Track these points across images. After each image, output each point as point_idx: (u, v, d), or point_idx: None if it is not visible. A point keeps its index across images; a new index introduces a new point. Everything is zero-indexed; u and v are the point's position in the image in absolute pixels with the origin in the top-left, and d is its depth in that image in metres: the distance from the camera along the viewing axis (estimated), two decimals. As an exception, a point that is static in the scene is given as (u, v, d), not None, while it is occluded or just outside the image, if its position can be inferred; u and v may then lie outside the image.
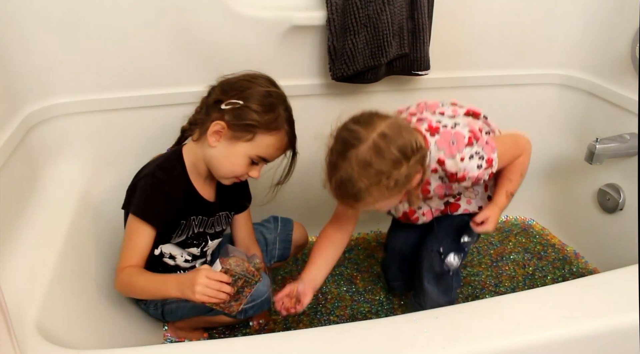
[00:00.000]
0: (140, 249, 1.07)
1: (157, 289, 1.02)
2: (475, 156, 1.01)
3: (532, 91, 1.61)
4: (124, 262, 1.06)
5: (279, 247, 1.36)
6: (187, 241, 1.18)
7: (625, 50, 1.42)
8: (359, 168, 0.91)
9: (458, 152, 1.00)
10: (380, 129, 0.93)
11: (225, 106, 1.05)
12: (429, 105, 1.13)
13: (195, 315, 1.22)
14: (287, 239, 1.37)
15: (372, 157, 0.91)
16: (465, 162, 1.00)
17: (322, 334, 0.89)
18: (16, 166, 1.13)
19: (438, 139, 1.02)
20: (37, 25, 1.17)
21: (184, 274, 1.03)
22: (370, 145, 0.92)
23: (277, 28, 1.32)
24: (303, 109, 1.44)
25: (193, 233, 1.18)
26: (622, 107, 1.44)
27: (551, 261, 1.62)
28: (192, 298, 0.96)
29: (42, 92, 1.24)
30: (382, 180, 0.92)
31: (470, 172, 1.01)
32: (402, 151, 0.92)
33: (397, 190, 0.95)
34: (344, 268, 1.59)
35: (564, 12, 1.51)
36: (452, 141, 1.01)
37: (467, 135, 1.01)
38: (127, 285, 1.06)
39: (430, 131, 1.03)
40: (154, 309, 1.23)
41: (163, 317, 1.25)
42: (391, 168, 0.92)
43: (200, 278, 0.94)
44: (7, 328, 0.71)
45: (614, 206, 1.48)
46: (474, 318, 0.90)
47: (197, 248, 1.21)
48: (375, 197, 0.94)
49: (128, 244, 1.07)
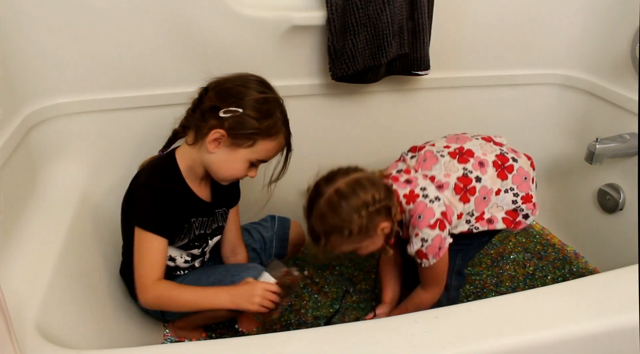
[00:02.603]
0: (160, 261, 1.08)
1: (208, 302, 1.07)
2: (422, 241, 1.10)
3: (532, 90, 1.61)
4: (147, 277, 1.06)
5: (276, 245, 1.37)
6: (189, 243, 1.18)
7: (625, 50, 1.42)
8: (317, 219, 1.07)
9: (417, 228, 1.10)
10: (337, 186, 1.06)
11: (223, 114, 1.05)
12: (426, 160, 1.17)
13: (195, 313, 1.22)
14: (284, 237, 1.38)
15: (327, 211, 1.05)
16: (416, 238, 1.11)
17: (322, 334, 0.89)
18: (16, 166, 1.13)
19: (411, 208, 1.11)
20: (37, 26, 1.17)
21: (236, 287, 1.08)
22: (325, 199, 1.05)
23: (277, 28, 1.32)
24: (303, 109, 1.45)
25: (194, 235, 1.18)
26: (622, 107, 1.44)
27: (551, 261, 1.62)
28: (248, 309, 1.05)
29: (42, 92, 1.24)
30: (336, 230, 1.06)
31: (412, 246, 1.12)
32: (354, 206, 1.04)
33: (357, 238, 1.07)
34: (344, 268, 1.59)
35: (564, 12, 1.51)
36: (420, 215, 1.10)
37: (436, 218, 1.09)
38: (166, 299, 1.07)
39: (407, 199, 1.12)
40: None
41: (163, 316, 1.25)
42: (344, 221, 1.04)
43: (259, 290, 1.05)
44: (7, 327, 0.71)
45: (614, 206, 1.48)
46: (474, 317, 0.90)
47: (199, 249, 1.22)
48: (336, 243, 1.08)
49: (145, 259, 1.07)
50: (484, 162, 1.16)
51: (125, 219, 1.17)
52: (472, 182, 1.14)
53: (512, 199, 1.16)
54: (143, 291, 1.06)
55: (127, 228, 1.16)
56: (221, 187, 1.20)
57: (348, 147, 1.58)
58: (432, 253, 1.10)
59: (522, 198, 1.16)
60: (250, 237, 1.37)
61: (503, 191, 1.16)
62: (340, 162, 1.61)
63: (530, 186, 1.18)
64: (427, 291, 1.21)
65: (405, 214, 1.13)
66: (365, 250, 1.13)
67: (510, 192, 1.16)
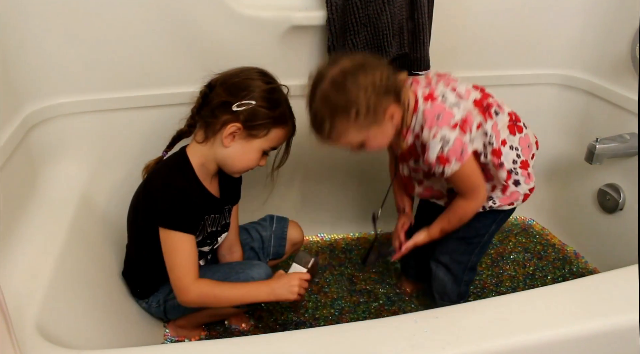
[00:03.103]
0: (194, 258, 1.09)
1: (250, 296, 1.12)
2: (442, 141, 1.01)
3: (532, 90, 1.61)
4: (186, 278, 1.08)
5: (274, 244, 1.38)
6: (202, 241, 1.20)
7: (625, 50, 1.42)
8: (320, 102, 0.99)
9: (436, 127, 1.01)
10: (342, 66, 0.98)
11: (237, 108, 1.07)
12: (449, 79, 1.12)
13: (197, 310, 1.23)
14: (282, 236, 1.39)
15: (331, 91, 0.97)
16: (434, 140, 1.01)
17: (322, 334, 0.89)
18: (16, 166, 1.13)
19: (427, 108, 1.03)
20: (37, 26, 1.17)
21: (274, 281, 1.14)
22: (329, 80, 0.98)
23: (277, 28, 1.32)
24: (303, 109, 1.44)
25: (207, 233, 1.20)
26: (622, 107, 1.44)
27: (551, 261, 1.62)
28: (288, 298, 1.12)
29: (42, 92, 1.24)
30: (342, 111, 0.97)
31: (430, 152, 1.03)
32: (361, 84, 0.96)
33: (364, 122, 0.99)
34: (344, 268, 1.59)
35: (564, 12, 1.51)
36: (439, 115, 1.02)
37: (456, 119, 1.02)
38: (210, 297, 1.10)
39: (426, 98, 1.05)
40: (157, 306, 1.24)
41: (165, 314, 1.25)
42: (349, 100, 0.96)
43: (296, 281, 1.13)
44: (7, 328, 0.71)
45: (614, 206, 1.48)
46: (474, 317, 0.90)
47: (209, 247, 1.23)
48: (340, 129, 1.00)
49: (180, 259, 1.08)
50: (502, 107, 1.14)
51: (139, 221, 1.17)
52: (491, 109, 1.11)
53: (513, 159, 1.14)
54: (185, 292, 1.08)
55: (140, 230, 1.18)
56: (227, 184, 1.23)
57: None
58: (454, 157, 1.02)
59: (521, 162, 1.14)
60: (249, 237, 1.38)
61: (508, 146, 1.13)
62: (341, 162, 1.62)
63: (530, 156, 1.17)
64: (467, 199, 1.13)
65: (418, 115, 1.04)
66: (374, 142, 1.04)
67: (514, 151, 1.14)
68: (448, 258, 1.26)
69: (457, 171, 1.04)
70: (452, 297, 1.30)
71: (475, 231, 1.22)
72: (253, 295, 1.12)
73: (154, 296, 1.24)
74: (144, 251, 1.18)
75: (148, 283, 1.24)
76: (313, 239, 1.71)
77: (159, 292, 1.24)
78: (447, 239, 1.24)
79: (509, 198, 1.17)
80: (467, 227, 1.20)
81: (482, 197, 1.13)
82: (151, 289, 1.25)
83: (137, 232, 1.20)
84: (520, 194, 1.17)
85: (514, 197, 1.17)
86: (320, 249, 1.67)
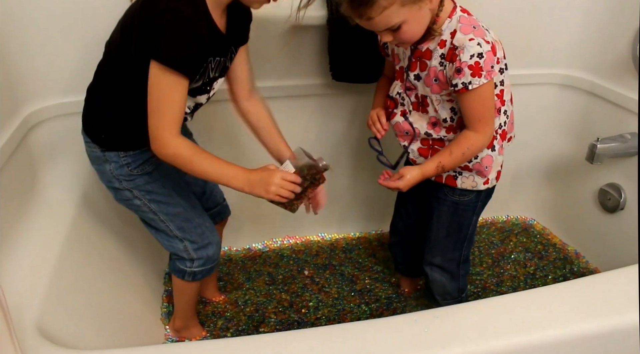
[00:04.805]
0: (182, 109, 0.95)
1: (225, 178, 0.98)
2: (480, 47, 0.99)
3: (532, 90, 1.61)
4: (167, 130, 0.93)
5: None
6: (202, 87, 1.04)
7: (626, 50, 1.42)
8: None
9: (472, 34, 1.00)
10: None
11: None
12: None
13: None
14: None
15: None
16: (471, 42, 0.99)
17: (322, 334, 0.89)
18: (16, 166, 1.13)
19: (464, 17, 1.02)
20: (37, 26, 1.17)
21: (255, 172, 0.99)
22: None
23: (277, 28, 1.32)
24: (303, 109, 1.45)
25: (208, 78, 1.04)
26: (622, 107, 1.44)
27: (552, 261, 1.62)
28: (263, 196, 0.98)
29: (42, 93, 1.24)
30: None
31: (465, 53, 0.99)
32: None
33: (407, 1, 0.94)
34: (345, 268, 1.59)
35: (564, 12, 1.51)
36: (475, 26, 1.01)
37: (488, 38, 1.00)
38: (185, 160, 0.96)
39: (463, 10, 1.04)
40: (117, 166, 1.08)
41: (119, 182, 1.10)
42: None
43: (276, 179, 0.97)
44: (7, 328, 0.71)
45: (615, 205, 1.48)
46: (474, 317, 0.90)
47: (207, 95, 1.08)
48: (385, 2, 0.93)
49: (167, 106, 0.93)
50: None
51: (130, 50, 0.96)
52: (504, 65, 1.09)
53: (500, 123, 1.11)
54: (162, 145, 0.94)
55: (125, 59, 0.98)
56: (235, 23, 1.06)
57: (348, 147, 1.58)
58: (486, 69, 0.99)
59: (502, 131, 1.12)
60: None
61: (503, 109, 1.11)
62: (341, 162, 1.62)
63: (510, 132, 1.15)
64: (476, 131, 1.06)
65: (452, 20, 1.02)
66: (410, 27, 0.98)
67: (504, 117, 1.12)
68: (440, 259, 1.26)
69: (478, 88, 1.00)
70: (453, 294, 1.30)
71: (459, 226, 1.23)
72: (228, 178, 0.98)
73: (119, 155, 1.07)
74: (128, 90, 1.01)
75: (120, 133, 1.06)
76: (314, 239, 1.71)
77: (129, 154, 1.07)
78: (434, 241, 1.25)
79: (481, 164, 1.13)
80: (449, 224, 1.21)
81: (489, 134, 1.08)
82: (121, 144, 1.07)
83: (122, 62, 1.00)
84: (492, 166, 1.14)
85: (486, 162, 1.13)
86: (320, 249, 1.67)
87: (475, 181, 1.15)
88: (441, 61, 1.04)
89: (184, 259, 1.16)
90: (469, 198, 1.18)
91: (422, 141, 1.16)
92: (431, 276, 1.28)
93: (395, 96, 1.16)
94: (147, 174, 1.10)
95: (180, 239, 1.14)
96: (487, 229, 1.77)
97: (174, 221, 1.13)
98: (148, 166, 1.09)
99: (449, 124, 1.11)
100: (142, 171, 1.09)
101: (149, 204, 1.11)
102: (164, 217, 1.13)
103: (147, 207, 1.11)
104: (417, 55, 1.08)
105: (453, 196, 1.19)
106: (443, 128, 1.12)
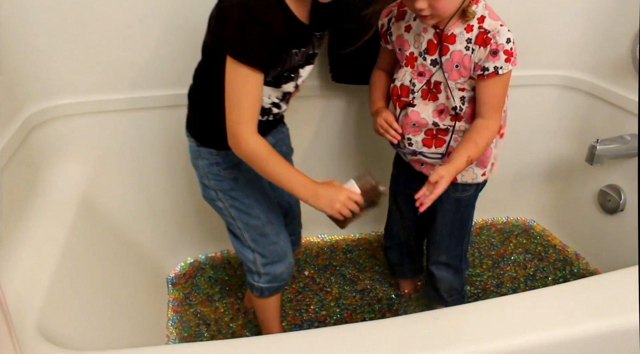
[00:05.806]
0: (258, 103, 0.95)
1: (293, 185, 0.98)
2: (511, 37, 1.00)
3: (532, 91, 1.61)
4: (245, 126, 0.93)
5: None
6: (284, 76, 1.02)
7: (626, 51, 1.42)
8: None
9: (501, 21, 1.01)
10: None
11: None
12: None
13: None
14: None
15: None
16: (503, 28, 1.00)
17: (322, 334, 0.89)
18: (17, 167, 1.13)
19: (488, 5, 1.03)
20: (38, 27, 1.18)
21: (323, 185, 0.99)
22: None
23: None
24: (303, 109, 1.44)
25: (291, 67, 1.02)
26: (622, 108, 1.44)
27: (552, 262, 1.62)
28: (325, 210, 0.98)
29: (43, 94, 1.24)
30: None
31: (500, 36, 1.00)
32: None
33: None
34: (345, 268, 1.59)
35: (564, 12, 1.51)
36: (499, 16, 1.02)
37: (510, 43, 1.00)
38: (260, 159, 0.96)
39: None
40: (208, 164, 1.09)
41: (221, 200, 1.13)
42: None
43: (342, 197, 0.98)
44: (8, 328, 0.71)
45: (615, 207, 1.48)
46: (475, 318, 0.90)
47: (294, 82, 1.05)
48: None
49: (242, 100, 0.92)
50: None
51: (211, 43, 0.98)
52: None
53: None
54: (239, 141, 0.94)
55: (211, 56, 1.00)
56: (320, 9, 1.01)
57: (349, 147, 1.58)
58: (514, 55, 1.01)
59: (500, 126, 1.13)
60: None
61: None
62: (341, 162, 1.62)
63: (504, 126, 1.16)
64: (494, 119, 1.07)
65: (479, 6, 1.02)
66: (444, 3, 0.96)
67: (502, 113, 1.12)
68: (446, 257, 1.28)
69: (505, 74, 1.01)
70: (458, 289, 1.32)
71: (461, 223, 1.24)
72: (296, 185, 0.98)
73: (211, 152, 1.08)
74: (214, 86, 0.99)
75: (211, 129, 1.06)
76: (314, 240, 1.71)
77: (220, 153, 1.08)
78: (439, 241, 1.26)
79: (484, 154, 1.13)
80: (453, 222, 1.23)
81: (499, 123, 1.09)
82: (213, 141, 1.07)
83: (209, 59, 1.03)
84: (491, 157, 1.15)
85: (487, 152, 1.13)
86: (320, 250, 1.67)
87: (475, 173, 1.16)
88: (467, 46, 1.03)
89: (252, 272, 1.17)
90: (469, 193, 1.20)
91: (426, 131, 1.15)
92: (438, 275, 1.29)
93: (407, 84, 1.13)
94: (233, 180, 1.11)
95: (252, 250, 1.15)
96: (487, 231, 1.77)
97: (249, 232, 1.14)
98: (236, 172, 1.10)
99: (456, 113, 1.09)
100: (230, 175, 1.10)
101: (229, 209, 1.12)
102: (242, 225, 1.14)
103: (227, 211, 1.13)
104: (440, 38, 1.05)
105: (455, 193, 1.19)
106: (448, 116, 1.11)
